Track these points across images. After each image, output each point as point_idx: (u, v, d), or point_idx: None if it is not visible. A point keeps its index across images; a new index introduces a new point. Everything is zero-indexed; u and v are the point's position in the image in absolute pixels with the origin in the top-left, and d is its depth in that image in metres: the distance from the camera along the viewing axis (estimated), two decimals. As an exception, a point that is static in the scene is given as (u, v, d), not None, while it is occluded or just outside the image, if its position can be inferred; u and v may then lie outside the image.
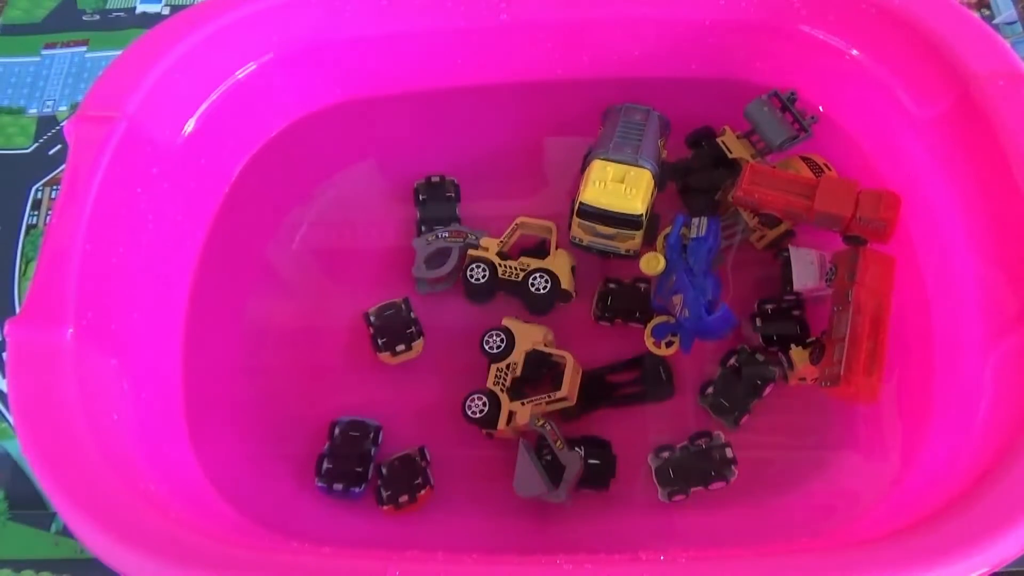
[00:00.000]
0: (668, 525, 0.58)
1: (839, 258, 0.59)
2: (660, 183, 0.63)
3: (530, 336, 0.62)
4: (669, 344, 0.62)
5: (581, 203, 0.61)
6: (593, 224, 0.61)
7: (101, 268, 0.53)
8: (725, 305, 0.58)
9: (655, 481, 0.59)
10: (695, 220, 0.62)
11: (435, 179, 0.71)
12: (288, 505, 0.59)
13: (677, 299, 0.60)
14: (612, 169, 0.61)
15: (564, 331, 0.65)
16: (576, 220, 0.62)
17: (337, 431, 0.61)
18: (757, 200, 0.60)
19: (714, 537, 0.57)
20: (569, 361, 0.60)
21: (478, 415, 0.60)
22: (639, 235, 0.62)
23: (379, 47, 0.67)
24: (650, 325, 0.62)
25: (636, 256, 0.63)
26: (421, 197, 0.70)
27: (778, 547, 0.45)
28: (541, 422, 0.58)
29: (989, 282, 0.54)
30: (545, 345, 0.62)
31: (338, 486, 0.59)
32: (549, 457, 0.58)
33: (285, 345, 0.66)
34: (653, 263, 0.61)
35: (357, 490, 0.59)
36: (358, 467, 0.59)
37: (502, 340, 0.62)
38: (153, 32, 0.61)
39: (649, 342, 0.62)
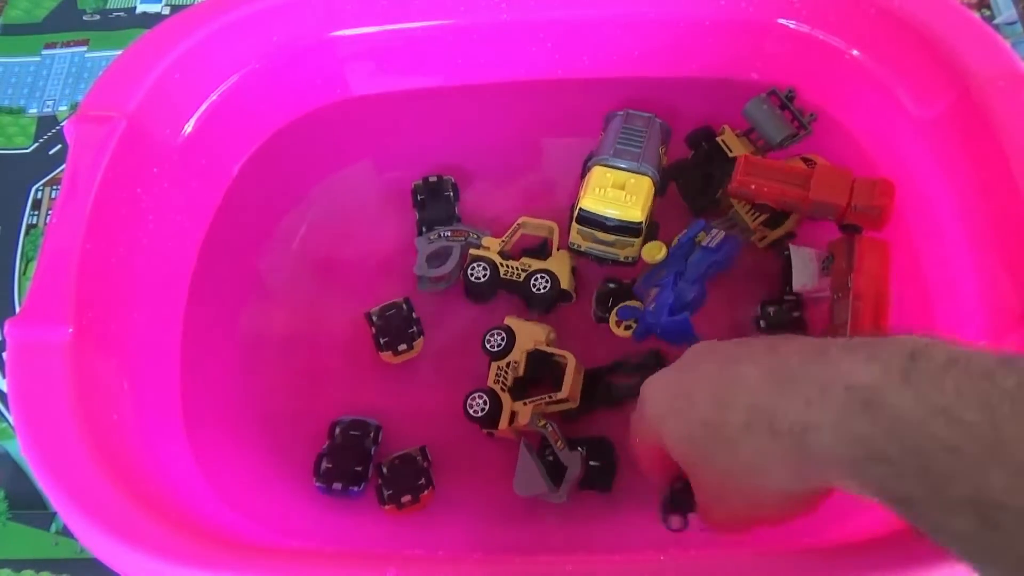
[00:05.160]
0: (668, 525, 0.58)
1: (835, 247, 0.59)
2: (661, 188, 0.63)
3: (532, 335, 0.62)
4: (628, 328, 0.62)
5: (581, 209, 0.61)
6: (592, 231, 0.61)
7: (101, 268, 0.53)
8: (687, 315, 0.58)
9: (655, 481, 0.59)
10: (713, 231, 0.61)
11: (432, 179, 0.70)
12: (288, 505, 0.59)
13: (653, 291, 0.60)
14: (612, 176, 0.61)
15: (565, 331, 0.64)
16: (575, 226, 0.62)
17: (337, 431, 0.61)
18: (752, 191, 0.60)
19: (714, 537, 0.57)
20: (570, 361, 0.60)
21: (479, 414, 0.60)
22: (638, 242, 0.61)
23: (378, 47, 0.67)
24: (620, 305, 0.62)
25: (634, 263, 0.63)
26: (420, 197, 0.70)
27: (778, 547, 0.44)
28: (542, 422, 0.58)
29: (990, 282, 0.54)
30: (547, 344, 0.62)
31: (337, 485, 0.59)
32: (551, 457, 0.58)
33: (285, 345, 0.66)
34: (655, 251, 0.61)
35: (356, 489, 0.59)
36: (357, 466, 0.59)
37: (503, 338, 0.62)
38: (153, 32, 0.61)
39: (612, 320, 0.62)
